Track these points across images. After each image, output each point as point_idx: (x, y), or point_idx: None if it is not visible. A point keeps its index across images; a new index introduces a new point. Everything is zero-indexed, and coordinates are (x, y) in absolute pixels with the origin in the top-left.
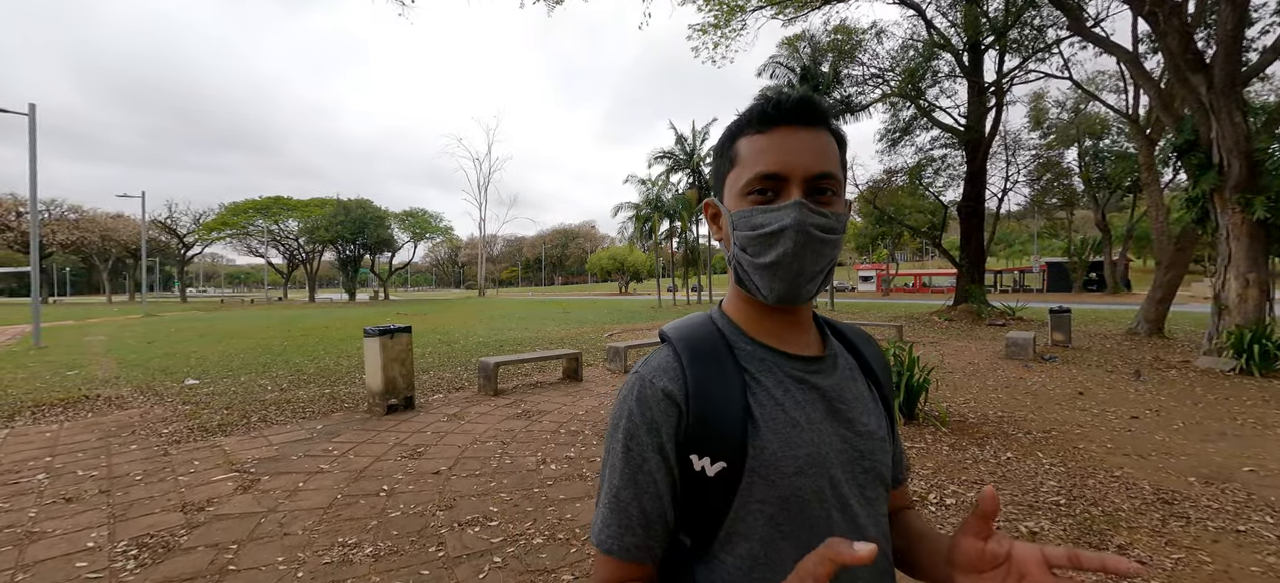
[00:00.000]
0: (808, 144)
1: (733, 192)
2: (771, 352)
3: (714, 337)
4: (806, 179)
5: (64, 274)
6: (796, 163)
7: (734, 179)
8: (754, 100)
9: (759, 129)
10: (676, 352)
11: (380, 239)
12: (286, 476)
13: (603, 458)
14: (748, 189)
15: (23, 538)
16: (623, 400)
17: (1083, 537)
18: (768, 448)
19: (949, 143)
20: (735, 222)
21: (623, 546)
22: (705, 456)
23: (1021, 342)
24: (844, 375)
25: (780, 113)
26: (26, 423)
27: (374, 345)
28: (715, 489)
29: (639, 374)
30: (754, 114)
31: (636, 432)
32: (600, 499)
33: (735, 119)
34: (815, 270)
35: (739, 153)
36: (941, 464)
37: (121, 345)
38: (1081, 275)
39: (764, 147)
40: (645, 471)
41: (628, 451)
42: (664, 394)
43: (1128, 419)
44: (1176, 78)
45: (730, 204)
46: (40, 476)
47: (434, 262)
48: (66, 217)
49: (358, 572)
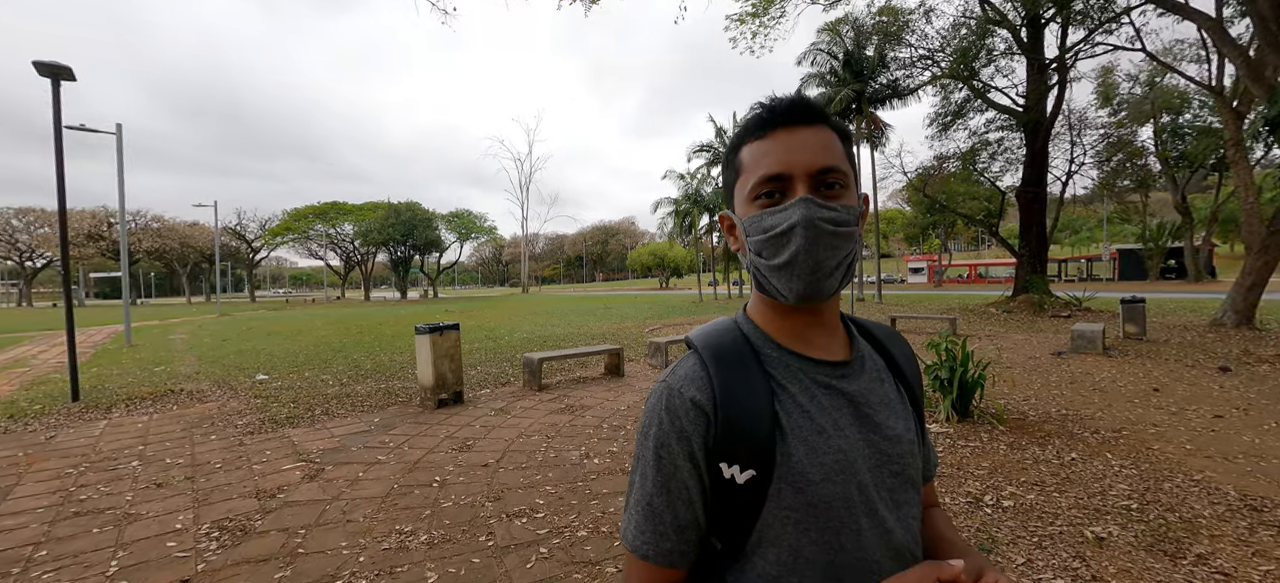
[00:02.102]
0: (808, 141)
1: (741, 199)
2: (797, 358)
3: (739, 344)
4: (810, 175)
5: (149, 278)
6: (798, 160)
7: (741, 186)
8: (750, 109)
9: (758, 135)
10: (703, 361)
11: (429, 240)
12: (348, 466)
13: (633, 462)
14: (754, 193)
15: (121, 519)
16: (652, 409)
17: (1157, 545)
18: (795, 456)
19: (1006, 124)
20: (747, 227)
21: (658, 550)
22: (734, 464)
23: (1089, 334)
24: (871, 379)
25: (776, 116)
26: (122, 415)
27: (425, 343)
28: (745, 497)
29: (667, 384)
30: (752, 122)
31: (667, 441)
32: (631, 504)
33: (736, 130)
34: (832, 264)
35: (742, 161)
36: (998, 465)
37: (200, 344)
38: (1158, 263)
39: (765, 150)
40: (677, 478)
41: (659, 459)
42: (692, 404)
43: (1211, 419)
44: (1268, 43)
45: (740, 211)
46: (134, 463)
47: (479, 260)
48: (150, 225)
49: (414, 558)
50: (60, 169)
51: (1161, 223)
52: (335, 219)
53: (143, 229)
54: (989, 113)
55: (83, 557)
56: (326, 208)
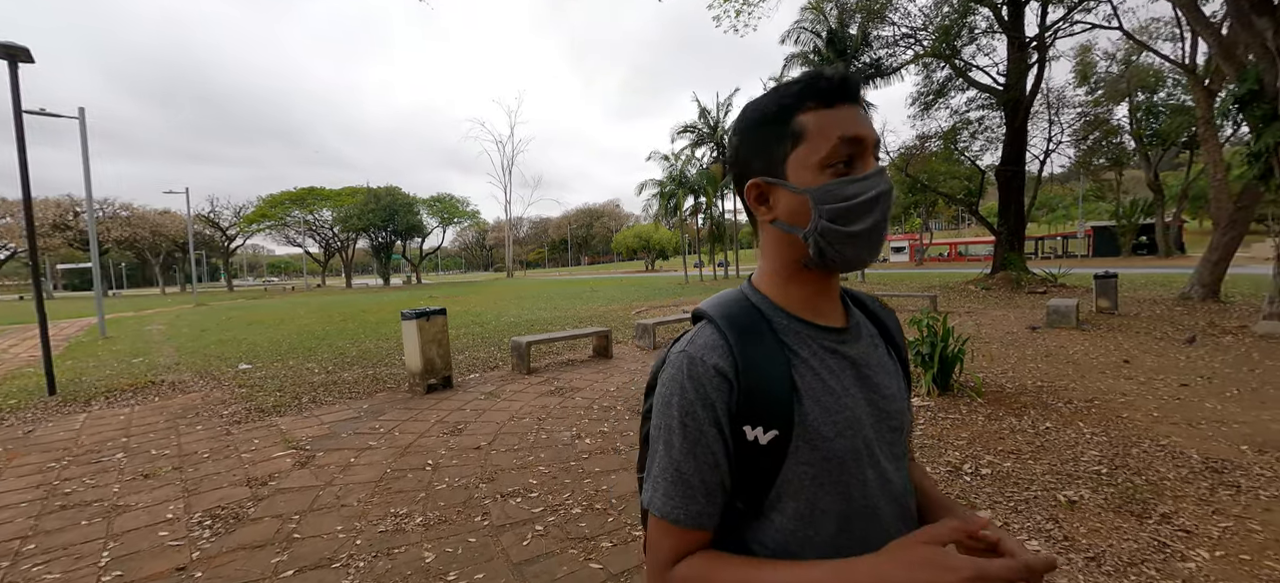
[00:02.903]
0: (865, 118)
1: (805, 166)
2: (806, 325)
3: (753, 314)
4: (874, 147)
5: (120, 269)
6: (868, 134)
7: (806, 154)
8: (802, 77)
9: (825, 104)
10: (721, 330)
11: (410, 225)
12: (339, 452)
13: (653, 432)
14: (828, 160)
15: (110, 511)
16: (671, 379)
17: (1125, 506)
18: (811, 415)
19: (986, 103)
20: (820, 195)
21: (688, 514)
22: (758, 426)
23: (1064, 309)
24: (868, 344)
25: (844, 89)
26: (102, 408)
27: (412, 328)
28: (767, 456)
29: (687, 353)
30: (816, 89)
31: (692, 408)
32: (655, 473)
33: (779, 97)
34: (885, 234)
35: (805, 128)
36: (976, 435)
37: (178, 334)
38: (1130, 239)
39: (838, 119)
40: (703, 444)
41: (685, 426)
42: (716, 371)
43: (1177, 387)
44: (1239, 22)
45: (804, 179)
46: (119, 455)
47: (462, 245)
48: (119, 214)
49: (411, 539)
50: (22, 157)
51: (1135, 200)
52: (313, 205)
53: (111, 218)
54: (970, 92)
55: (73, 549)
56: (304, 194)
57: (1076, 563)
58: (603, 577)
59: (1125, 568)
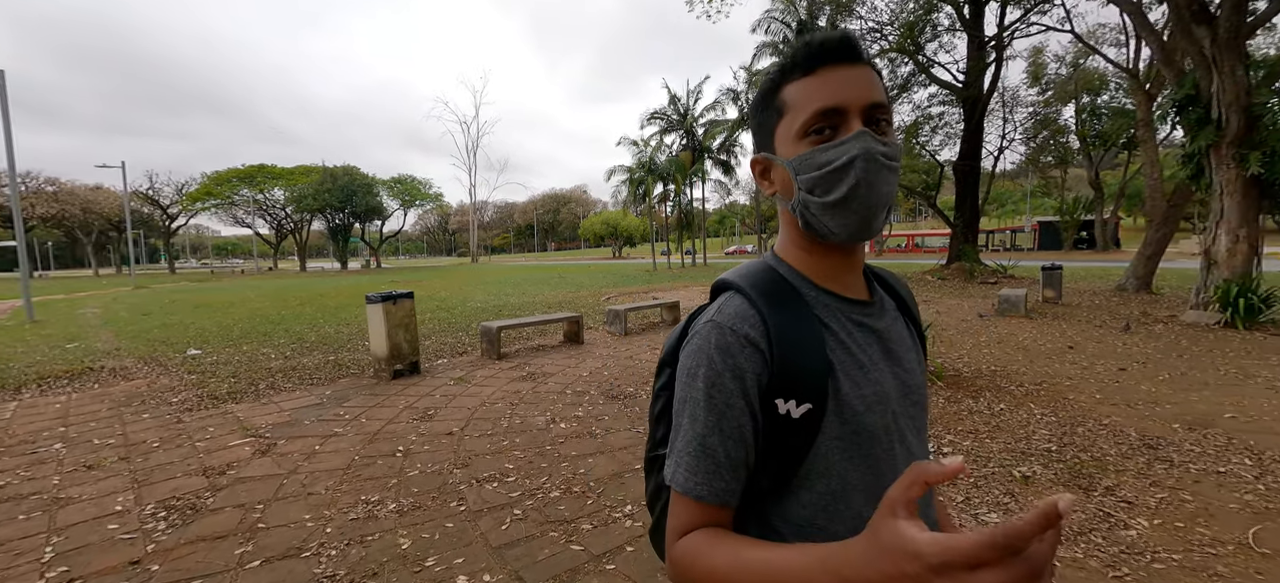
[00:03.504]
0: (857, 77)
1: (787, 138)
2: (834, 297)
3: (783, 284)
4: (864, 109)
5: (46, 248)
6: (852, 95)
7: (787, 125)
8: (793, 45)
9: (806, 72)
10: (751, 300)
11: (369, 207)
12: (302, 440)
13: (676, 405)
14: (805, 129)
15: (51, 504)
16: (697, 350)
17: (1073, 480)
18: (843, 389)
19: (947, 100)
20: (798, 165)
21: (712, 490)
22: (790, 399)
23: (1014, 298)
24: (891, 318)
25: (826, 53)
26: (34, 395)
27: (377, 312)
28: (799, 431)
29: (716, 323)
30: (799, 57)
31: (720, 379)
32: (679, 447)
33: (772, 70)
34: (883, 201)
35: (787, 100)
36: (937, 416)
37: (116, 318)
38: (1072, 234)
39: (816, 86)
40: (730, 417)
41: (711, 398)
42: (747, 341)
43: (1115, 371)
44: (1180, 29)
45: (787, 151)
46: (57, 445)
47: (424, 229)
48: (44, 189)
49: (384, 526)
50: None
51: (1077, 197)
52: (264, 184)
53: (35, 192)
54: (932, 88)
55: (10, 544)
56: (253, 172)
57: None
58: (585, 558)
59: (1075, 537)
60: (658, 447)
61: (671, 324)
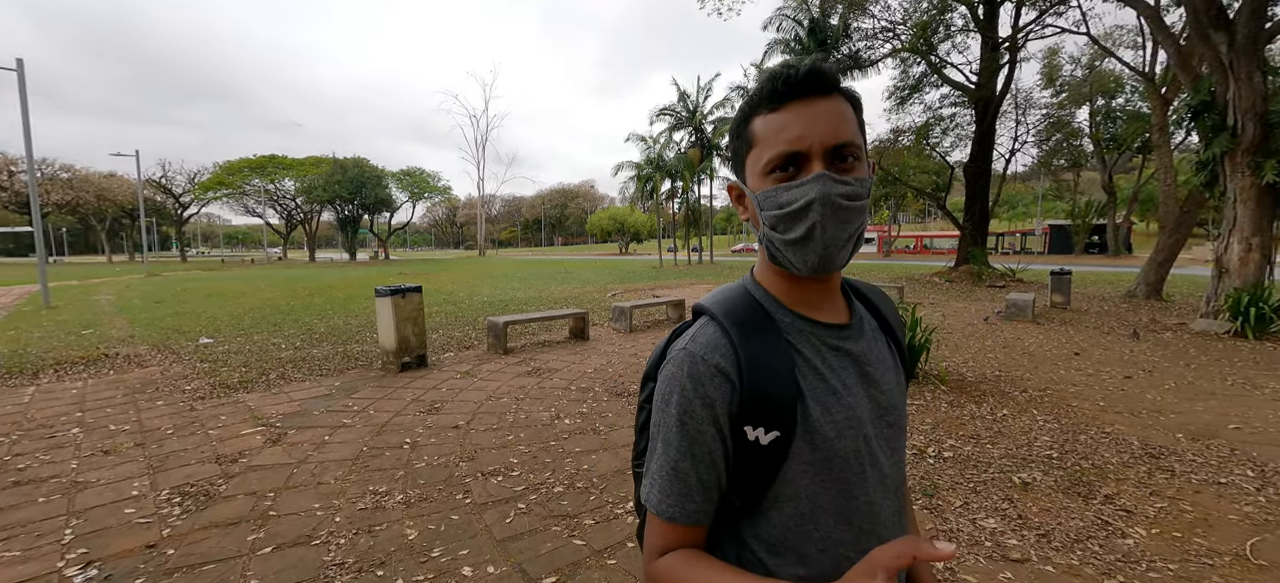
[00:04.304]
0: (824, 113)
1: (754, 172)
2: (808, 322)
3: (756, 310)
4: (826, 150)
5: (61, 235)
6: (814, 135)
7: (754, 159)
8: (763, 77)
9: (772, 106)
10: (724, 328)
11: (378, 198)
12: (312, 430)
13: (652, 429)
14: (769, 167)
15: (69, 487)
16: (671, 377)
17: (1072, 487)
18: (813, 415)
19: (959, 101)
20: (761, 201)
21: (685, 512)
22: (759, 426)
23: (1021, 303)
24: (870, 339)
25: (791, 87)
26: (51, 381)
27: (386, 305)
28: (767, 456)
29: (688, 351)
30: (765, 93)
31: (691, 407)
32: (654, 470)
33: (747, 98)
34: (845, 238)
35: (755, 133)
36: (940, 420)
37: (130, 306)
38: (1084, 238)
39: (781, 123)
40: (701, 443)
41: (682, 425)
42: (717, 371)
43: (1121, 379)
44: (1197, 34)
45: (753, 184)
46: (74, 430)
47: (432, 221)
48: (59, 176)
49: (391, 517)
50: None
51: (1089, 201)
52: (274, 174)
53: (51, 179)
54: (944, 88)
55: (32, 526)
56: (264, 162)
57: (1029, 539)
58: (587, 553)
59: (1072, 544)
60: (640, 455)
61: (677, 321)
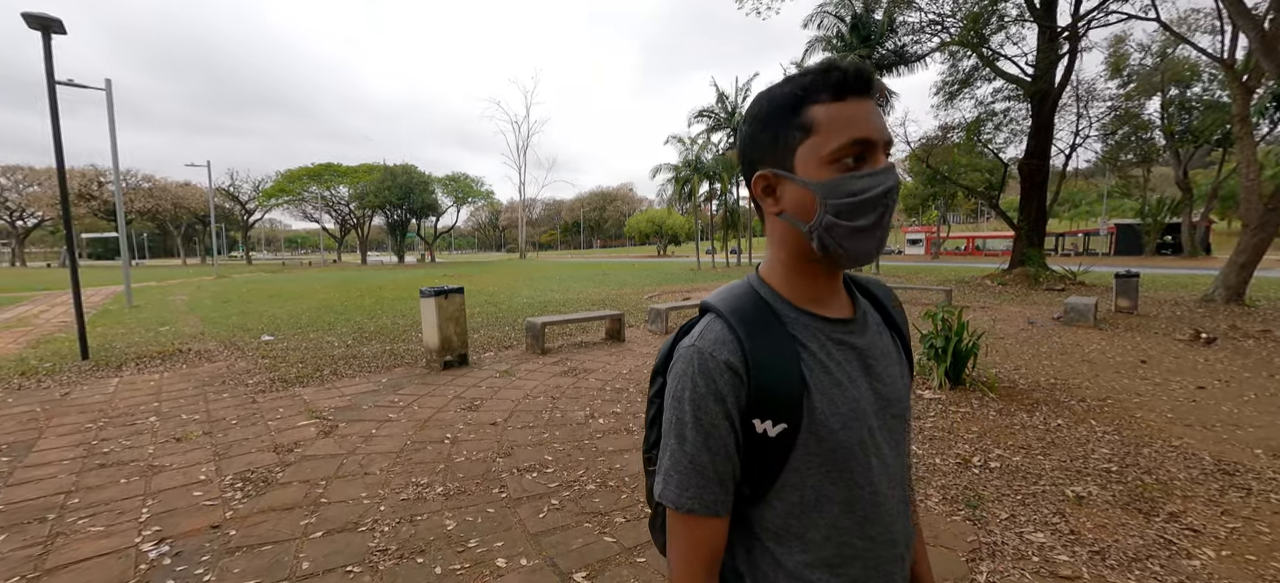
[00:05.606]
0: (874, 111)
1: (813, 160)
2: (813, 317)
3: (762, 308)
4: (886, 145)
5: (142, 239)
6: (878, 129)
7: (814, 147)
8: (815, 68)
9: (835, 97)
10: (731, 325)
11: (426, 203)
12: (360, 423)
13: (664, 427)
14: (836, 156)
15: (146, 470)
16: (682, 374)
17: (1132, 503)
18: (818, 408)
19: (1013, 95)
20: (826, 189)
21: (704, 503)
22: (767, 419)
23: (1081, 307)
24: (874, 332)
25: (855, 83)
26: (133, 373)
27: (430, 306)
28: (775, 447)
29: (697, 348)
30: (826, 82)
31: (704, 402)
32: (667, 466)
33: (792, 87)
34: (888, 229)
35: (815, 120)
36: (987, 429)
37: (201, 305)
38: (1155, 238)
39: (850, 115)
40: (717, 436)
41: (697, 419)
42: (726, 366)
43: (1193, 390)
44: None
45: (811, 173)
46: (152, 419)
47: (475, 225)
48: (141, 185)
49: (432, 508)
50: (56, 127)
51: (1161, 198)
52: (330, 181)
53: (134, 189)
54: (996, 82)
55: (114, 504)
56: (321, 170)
57: (1081, 556)
58: (616, 550)
59: (1130, 563)
60: (652, 448)
61: None
